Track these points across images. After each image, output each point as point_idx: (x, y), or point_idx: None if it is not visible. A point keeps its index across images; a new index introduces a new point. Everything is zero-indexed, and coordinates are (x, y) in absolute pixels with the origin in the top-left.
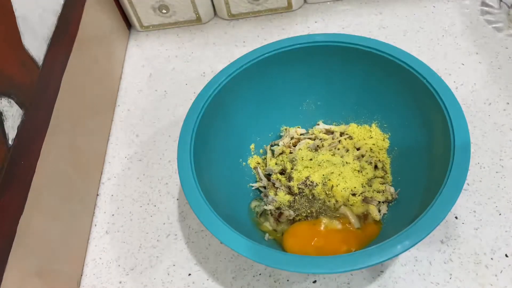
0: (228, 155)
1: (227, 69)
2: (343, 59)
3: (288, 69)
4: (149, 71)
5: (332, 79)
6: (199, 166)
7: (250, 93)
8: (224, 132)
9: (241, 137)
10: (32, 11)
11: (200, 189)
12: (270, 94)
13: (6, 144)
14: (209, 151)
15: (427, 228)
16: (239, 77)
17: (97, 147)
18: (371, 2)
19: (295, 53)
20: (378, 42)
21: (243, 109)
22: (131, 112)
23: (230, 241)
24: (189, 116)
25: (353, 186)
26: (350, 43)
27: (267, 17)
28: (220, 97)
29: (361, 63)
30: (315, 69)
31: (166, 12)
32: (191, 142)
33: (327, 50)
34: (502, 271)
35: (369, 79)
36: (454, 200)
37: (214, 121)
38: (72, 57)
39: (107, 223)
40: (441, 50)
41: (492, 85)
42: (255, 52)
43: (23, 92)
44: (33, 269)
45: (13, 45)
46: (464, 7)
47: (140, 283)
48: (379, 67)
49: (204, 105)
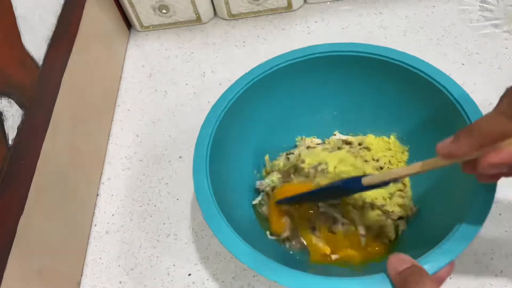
0: (242, 165)
1: (244, 77)
2: (361, 69)
3: (305, 79)
4: (149, 71)
5: (349, 89)
6: (213, 175)
7: (266, 102)
8: (240, 142)
9: (256, 147)
10: (32, 11)
11: (217, 204)
12: (286, 104)
13: (6, 144)
14: (224, 160)
15: (452, 251)
16: (255, 86)
17: (97, 147)
18: (371, 2)
19: (312, 62)
20: (399, 52)
21: (260, 119)
22: (131, 112)
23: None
24: (205, 126)
25: (374, 197)
26: (369, 53)
27: (267, 17)
28: (236, 106)
29: (380, 73)
30: (333, 79)
31: (166, 12)
32: (207, 151)
33: (345, 60)
34: (502, 271)
35: (387, 89)
36: (482, 220)
37: (229, 130)
38: (72, 57)
39: (107, 223)
40: (441, 50)
41: (492, 85)
42: (272, 60)
43: (23, 92)
44: (33, 269)
45: (13, 45)
46: (463, 6)
47: (140, 283)
48: (398, 78)
49: (221, 113)
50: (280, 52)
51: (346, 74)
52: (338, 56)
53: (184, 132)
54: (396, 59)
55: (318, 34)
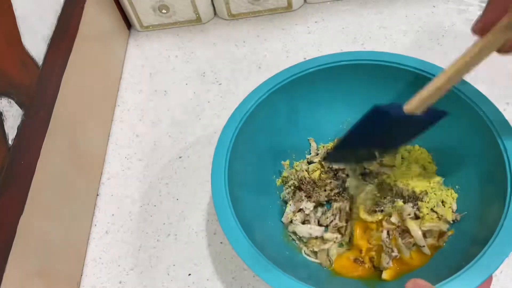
0: (261, 170)
1: (266, 83)
2: (386, 79)
3: (330, 86)
4: (149, 71)
5: (374, 98)
6: (232, 179)
7: (288, 108)
8: (259, 146)
9: (275, 152)
10: (32, 11)
11: (235, 216)
12: (309, 110)
13: (6, 144)
14: (243, 164)
15: (489, 267)
16: (278, 92)
17: (97, 147)
18: (371, 2)
19: (339, 70)
20: (430, 64)
21: (281, 124)
22: (131, 112)
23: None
24: (226, 129)
25: (439, 199)
26: (398, 63)
27: (267, 17)
28: (256, 112)
29: (408, 84)
30: (357, 88)
31: (166, 12)
32: (226, 155)
33: (369, 68)
34: (502, 271)
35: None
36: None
37: (250, 134)
38: (72, 57)
39: (107, 223)
40: (441, 50)
41: (492, 85)
42: (297, 66)
43: (23, 92)
44: (33, 269)
45: (13, 45)
46: (463, 6)
47: (140, 283)
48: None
49: (242, 118)
50: (280, 52)
51: (371, 84)
52: (362, 65)
53: (184, 132)
54: (422, 70)
55: (318, 34)
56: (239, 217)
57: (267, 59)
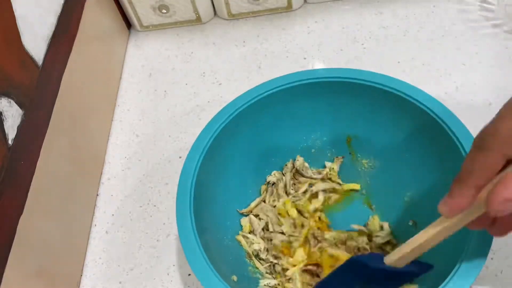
0: (226, 203)
1: (224, 110)
2: (350, 95)
3: (289, 107)
4: (149, 71)
5: (339, 114)
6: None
7: (249, 134)
8: (224, 178)
9: (239, 182)
10: (32, 11)
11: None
12: (271, 134)
13: (6, 144)
14: (209, 198)
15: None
16: (241, 115)
17: (97, 147)
18: (371, 2)
19: (298, 89)
20: (385, 77)
21: (243, 152)
22: (131, 112)
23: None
24: (188, 161)
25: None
26: (357, 78)
27: (267, 17)
28: (219, 139)
29: (369, 99)
30: (320, 105)
31: (166, 12)
32: (191, 189)
33: (331, 86)
34: (502, 271)
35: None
36: (485, 254)
37: (213, 164)
38: (72, 57)
39: (107, 223)
40: (441, 50)
41: (492, 85)
42: (263, 85)
43: (23, 92)
44: (33, 269)
45: (13, 45)
46: (463, 6)
47: (140, 283)
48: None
49: (205, 147)
50: (280, 52)
51: (334, 101)
52: (323, 82)
53: (184, 132)
54: (389, 86)
55: (318, 34)
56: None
57: (267, 59)
